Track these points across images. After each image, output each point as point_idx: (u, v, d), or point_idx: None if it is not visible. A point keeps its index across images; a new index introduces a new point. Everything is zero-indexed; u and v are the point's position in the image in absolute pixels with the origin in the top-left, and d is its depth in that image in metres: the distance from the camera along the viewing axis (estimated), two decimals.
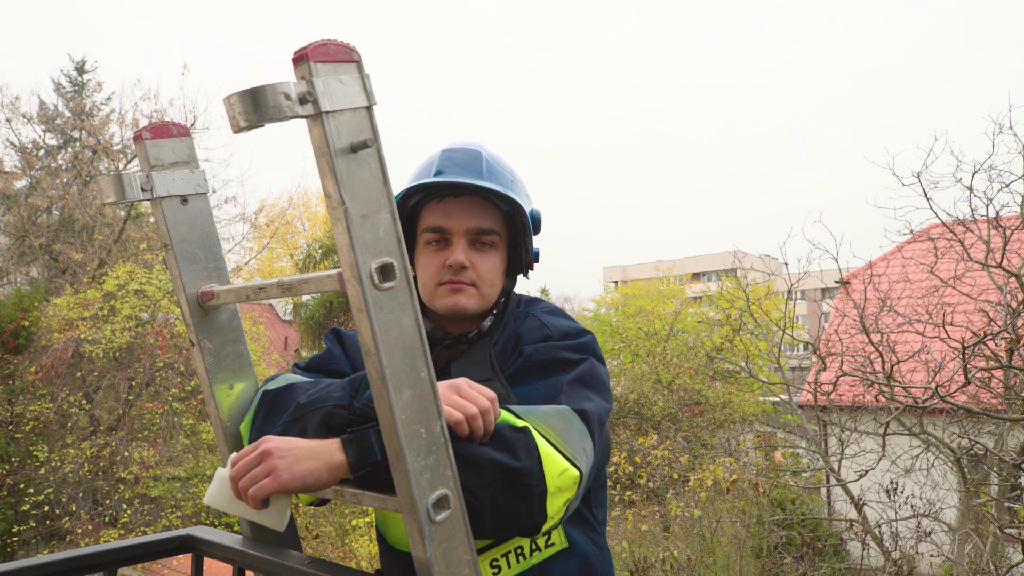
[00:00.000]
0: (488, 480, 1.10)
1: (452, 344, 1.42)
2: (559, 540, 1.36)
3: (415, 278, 1.46)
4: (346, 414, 1.16)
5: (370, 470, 1.09)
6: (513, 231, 1.44)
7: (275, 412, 1.28)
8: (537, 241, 1.50)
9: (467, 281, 1.38)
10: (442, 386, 1.12)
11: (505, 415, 1.17)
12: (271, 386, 1.35)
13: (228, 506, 1.19)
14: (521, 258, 1.46)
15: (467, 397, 1.13)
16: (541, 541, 1.34)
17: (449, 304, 1.38)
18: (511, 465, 1.11)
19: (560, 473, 1.14)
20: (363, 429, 1.11)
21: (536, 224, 1.48)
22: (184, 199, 1.34)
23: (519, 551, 1.32)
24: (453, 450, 1.06)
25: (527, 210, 1.44)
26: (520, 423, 1.16)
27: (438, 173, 1.39)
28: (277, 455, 1.10)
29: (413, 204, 1.42)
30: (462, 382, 1.16)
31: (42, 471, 10.54)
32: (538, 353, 1.32)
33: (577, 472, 1.16)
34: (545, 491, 1.12)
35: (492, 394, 1.15)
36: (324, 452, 1.11)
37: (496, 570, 1.30)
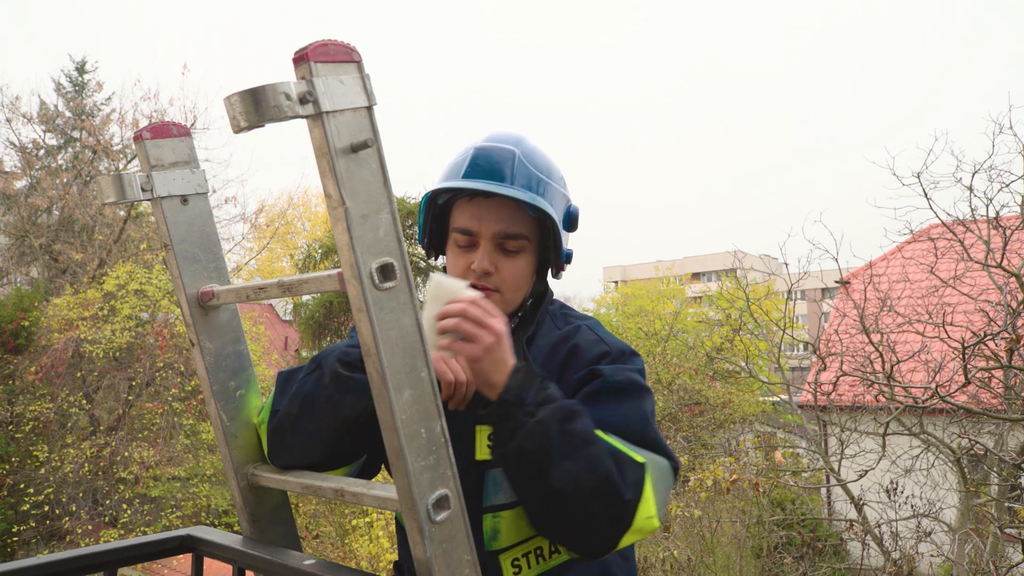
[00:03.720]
0: (593, 489, 1.13)
1: None
2: None
3: (444, 269, 1.47)
4: (358, 351, 1.21)
5: (510, 404, 1.16)
6: (544, 232, 1.41)
7: (291, 380, 1.34)
8: (571, 239, 1.49)
9: (491, 287, 1.36)
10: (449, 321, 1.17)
11: (622, 447, 1.20)
12: (284, 370, 1.41)
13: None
14: (551, 260, 1.44)
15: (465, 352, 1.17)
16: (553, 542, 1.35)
17: None
18: (620, 493, 1.13)
19: (647, 518, 1.18)
20: (536, 375, 1.19)
21: (572, 222, 1.46)
22: (184, 199, 1.34)
23: (539, 552, 1.34)
24: (577, 432, 1.14)
25: (563, 208, 1.43)
26: (640, 460, 1.20)
27: (467, 172, 1.36)
28: (500, 336, 1.18)
29: (443, 203, 1.41)
30: (479, 314, 1.18)
31: (42, 471, 10.53)
32: (616, 375, 1.32)
33: (658, 524, 1.21)
34: (629, 527, 1.16)
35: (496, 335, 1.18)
36: (507, 365, 1.19)
37: (516, 569, 1.32)
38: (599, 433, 1.19)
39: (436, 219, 1.44)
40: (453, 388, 1.24)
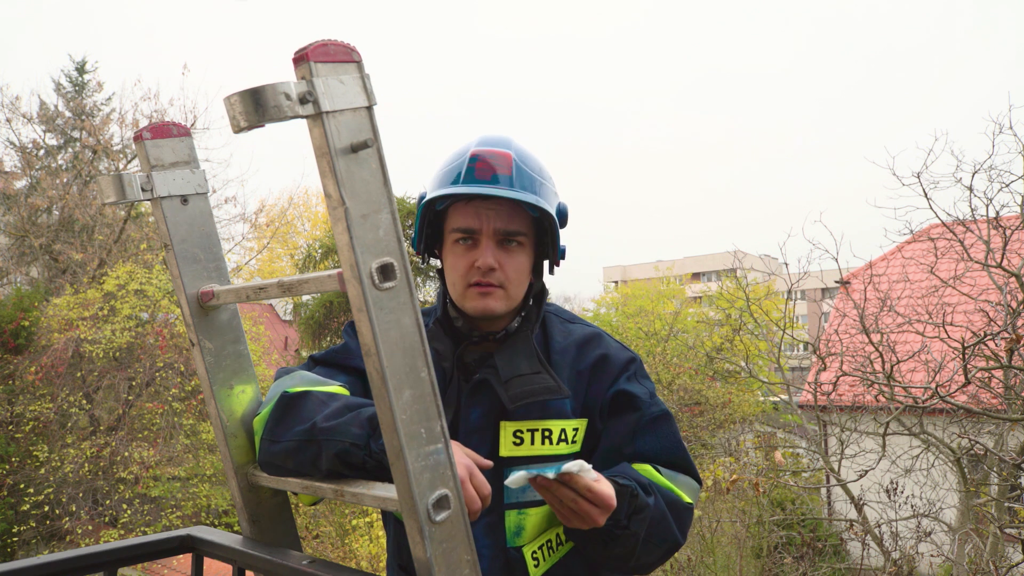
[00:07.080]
0: (662, 556, 1.37)
1: (479, 340, 1.46)
2: None
3: (442, 272, 1.49)
4: (363, 455, 1.15)
5: (608, 528, 1.26)
6: (540, 231, 1.47)
7: (289, 418, 1.27)
8: (563, 236, 1.52)
9: (495, 283, 1.40)
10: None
11: (671, 485, 1.40)
12: (289, 387, 1.34)
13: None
14: (547, 255, 1.50)
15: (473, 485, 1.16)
16: (564, 536, 1.43)
17: (479, 307, 1.41)
18: (679, 543, 1.38)
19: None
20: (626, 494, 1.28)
21: (563, 219, 1.49)
22: (184, 199, 1.34)
23: (549, 544, 1.42)
24: (657, 502, 1.33)
25: (555, 207, 1.46)
26: (687, 501, 1.41)
27: (466, 177, 1.39)
28: (606, 504, 1.25)
29: (441, 208, 1.44)
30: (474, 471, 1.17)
31: (42, 471, 10.53)
32: (652, 407, 1.46)
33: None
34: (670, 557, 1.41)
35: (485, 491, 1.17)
36: (603, 513, 1.26)
37: (536, 562, 1.39)
38: (650, 473, 1.39)
39: (431, 224, 1.47)
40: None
